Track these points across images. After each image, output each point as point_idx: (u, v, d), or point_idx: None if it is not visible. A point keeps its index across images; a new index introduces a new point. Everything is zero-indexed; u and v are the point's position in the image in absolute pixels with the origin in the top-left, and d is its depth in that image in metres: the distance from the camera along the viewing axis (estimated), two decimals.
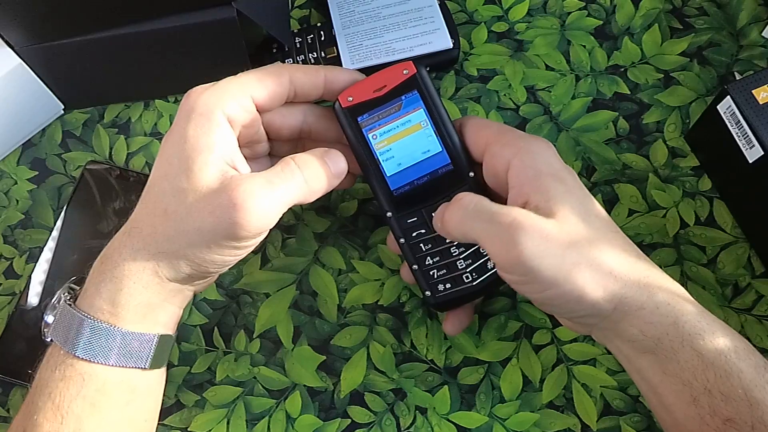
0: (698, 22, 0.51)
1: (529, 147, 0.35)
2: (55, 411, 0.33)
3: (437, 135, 0.37)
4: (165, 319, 0.35)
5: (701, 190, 0.46)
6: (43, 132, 0.51)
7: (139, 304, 0.34)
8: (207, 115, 0.33)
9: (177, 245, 0.33)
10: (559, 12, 0.52)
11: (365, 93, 0.37)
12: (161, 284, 0.34)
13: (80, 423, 0.33)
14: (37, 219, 0.48)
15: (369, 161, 0.37)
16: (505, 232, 0.31)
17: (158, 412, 0.38)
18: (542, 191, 0.33)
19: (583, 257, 0.32)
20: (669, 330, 0.31)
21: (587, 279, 0.31)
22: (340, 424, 0.42)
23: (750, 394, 0.30)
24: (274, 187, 0.33)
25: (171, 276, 0.34)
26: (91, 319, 0.33)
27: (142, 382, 0.35)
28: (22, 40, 0.44)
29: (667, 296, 0.32)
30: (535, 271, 0.31)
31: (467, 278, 0.38)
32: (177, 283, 0.35)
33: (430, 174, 0.37)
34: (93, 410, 0.33)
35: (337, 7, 0.51)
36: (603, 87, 0.49)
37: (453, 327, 0.40)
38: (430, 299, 0.38)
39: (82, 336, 0.33)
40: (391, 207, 0.38)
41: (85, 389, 0.33)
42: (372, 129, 0.37)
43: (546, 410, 0.41)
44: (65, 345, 0.33)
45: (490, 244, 0.32)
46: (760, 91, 0.40)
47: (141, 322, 0.34)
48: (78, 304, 0.34)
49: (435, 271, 0.38)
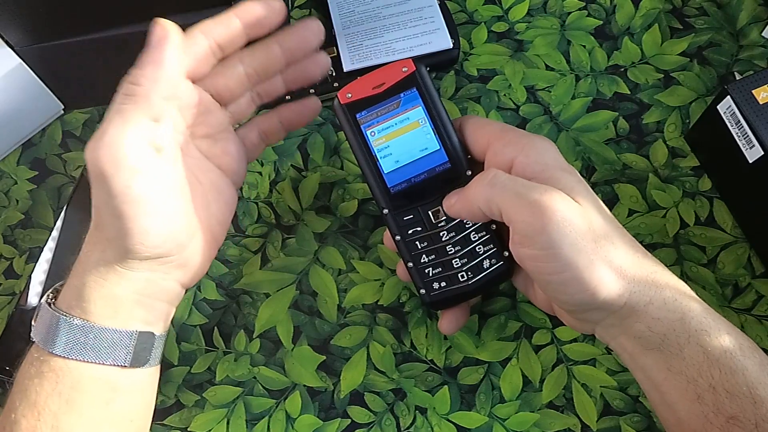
0: (698, 22, 0.51)
1: (533, 144, 0.35)
2: (32, 408, 0.33)
3: (435, 133, 0.37)
4: (143, 315, 0.35)
5: (701, 190, 0.46)
6: (43, 132, 0.51)
7: (103, 296, 0.33)
8: (102, 177, 0.32)
9: (107, 228, 0.33)
10: (559, 12, 0.52)
11: (364, 90, 0.37)
12: (119, 273, 0.33)
13: (57, 420, 0.33)
14: (37, 219, 0.48)
15: (367, 158, 0.37)
16: (536, 200, 0.31)
17: (149, 413, 0.37)
18: (555, 181, 0.33)
19: (600, 250, 0.31)
20: (676, 326, 0.32)
21: (604, 273, 0.31)
22: (340, 424, 0.42)
23: (754, 391, 0.30)
24: (120, 113, 0.32)
25: (120, 262, 0.33)
26: (66, 316, 0.33)
27: (124, 381, 0.34)
28: (22, 40, 0.44)
29: (674, 293, 0.32)
30: (557, 247, 0.31)
31: (462, 277, 0.38)
32: (138, 272, 0.34)
33: (428, 172, 0.37)
34: (69, 407, 0.33)
35: (337, 7, 0.51)
36: (603, 87, 0.49)
37: (449, 326, 0.40)
38: (425, 297, 0.38)
39: (58, 333, 0.33)
40: (388, 204, 0.38)
41: (59, 386, 0.33)
42: (370, 126, 0.37)
43: (546, 410, 0.41)
44: (43, 343, 0.33)
45: (518, 211, 0.32)
46: (760, 91, 0.40)
47: (113, 317, 0.34)
48: (57, 304, 0.34)
49: (430, 269, 0.38)
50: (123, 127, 0.32)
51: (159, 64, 0.32)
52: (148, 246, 0.33)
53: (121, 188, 0.31)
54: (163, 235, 0.33)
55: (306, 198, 0.48)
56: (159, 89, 0.32)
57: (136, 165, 0.32)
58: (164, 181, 0.33)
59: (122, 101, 0.32)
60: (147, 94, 0.32)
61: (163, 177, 0.33)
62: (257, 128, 0.40)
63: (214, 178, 0.38)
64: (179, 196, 0.34)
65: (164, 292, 0.36)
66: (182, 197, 0.35)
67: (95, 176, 0.32)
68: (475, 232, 0.37)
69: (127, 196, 0.31)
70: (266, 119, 0.41)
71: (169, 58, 0.33)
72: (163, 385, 0.43)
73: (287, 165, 0.49)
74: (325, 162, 0.48)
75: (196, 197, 0.36)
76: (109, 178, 0.31)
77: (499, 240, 0.37)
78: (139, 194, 0.32)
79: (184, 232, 0.35)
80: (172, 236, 0.34)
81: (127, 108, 0.32)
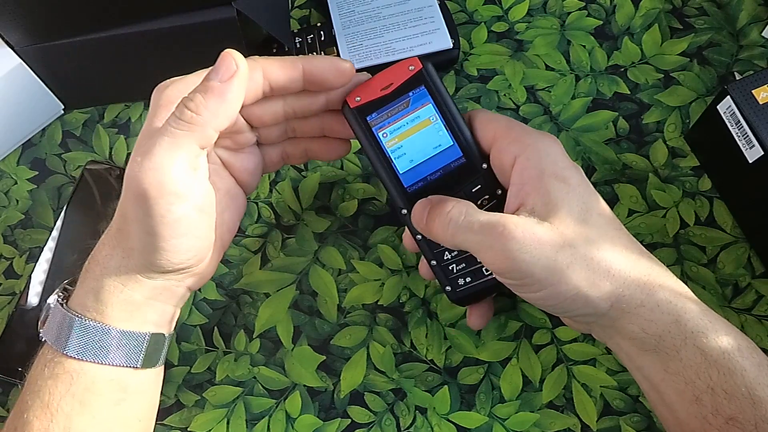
0: (698, 22, 0.51)
1: (536, 144, 0.34)
2: (45, 409, 0.33)
3: (447, 129, 0.37)
4: (155, 318, 0.35)
5: (701, 190, 0.46)
6: (43, 132, 0.51)
7: (121, 301, 0.34)
8: (168, 108, 0.33)
9: (135, 239, 0.33)
10: (559, 12, 0.52)
11: (372, 92, 0.37)
12: (138, 281, 0.34)
13: (70, 421, 0.33)
14: (37, 219, 0.48)
15: (381, 160, 0.37)
16: (496, 240, 0.32)
17: (154, 412, 0.38)
18: (542, 193, 0.33)
19: (577, 257, 0.32)
20: (671, 328, 0.32)
21: (581, 278, 0.32)
22: (340, 424, 0.42)
23: (753, 392, 0.30)
24: (172, 138, 0.32)
25: (143, 272, 0.34)
26: (80, 318, 0.33)
27: (134, 382, 0.35)
28: (22, 40, 0.44)
29: (669, 294, 0.32)
30: (529, 275, 0.32)
31: (486, 271, 0.38)
32: (156, 280, 0.34)
33: (443, 168, 0.37)
34: (82, 409, 0.33)
35: (337, 7, 0.51)
36: (603, 87, 0.49)
37: (478, 320, 0.40)
38: (451, 294, 0.38)
39: (72, 334, 0.33)
40: (406, 204, 0.38)
41: (74, 387, 0.33)
42: (382, 127, 0.37)
43: (546, 410, 0.41)
44: (56, 344, 0.33)
45: (483, 254, 0.33)
46: (760, 91, 0.40)
47: (128, 320, 0.34)
48: (69, 304, 0.34)
49: (454, 265, 0.38)
50: (172, 153, 0.31)
51: (223, 99, 0.31)
52: (175, 262, 0.33)
53: (162, 212, 0.31)
54: (191, 252, 0.33)
55: (306, 198, 0.48)
56: (216, 123, 0.32)
57: (179, 191, 0.31)
58: (198, 201, 0.33)
59: (176, 125, 0.31)
60: (204, 125, 0.31)
61: (198, 197, 0.33)
62: (282, 149, 0.40)
63: (229, 185, 0.38)
64: (208, 213, 0.34)
65: (175, 296, 0.36)
66: (210, 213, 0.35)
67: (134, 195, 0.31)
68: None
69: (165, 218, 0.31)
70: (293, 144, 0.40)
71: (234, 95, 0.32)
72: (163, 385, 0.43)
73: (287, 165, 0.49)
74: (325, 162, 0.48)
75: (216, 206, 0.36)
76: (151, 200, 0.31)
77: None
78: (177, 217, 0.32)
79: (209, 246, 0.35)
80: (198, 252, 0.34)
81: (179, 134, 0.31)
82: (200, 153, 0.32)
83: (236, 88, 0.32)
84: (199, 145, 0.32)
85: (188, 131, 0.31)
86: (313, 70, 0.35)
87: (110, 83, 0.49)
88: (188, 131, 0.31)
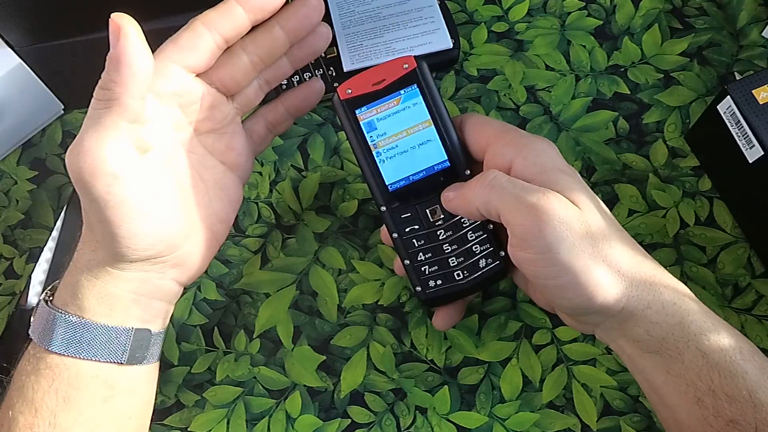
0: (698, 22, 0.51)
1: (532, 146, 0.34)
2: (29, 405, 0.33)
3: (435, 132, 0.37)
4: (139, 313, 0.35)
5: (701, 190, 0.46)
6: (43, 132, 0.51)
7: (97, 294, 0.33)
8: (86, 184, 0.32)
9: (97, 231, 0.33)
10: (559, 12, 0.52)
11: (364, 86, 0.37)
12: (111, 273, 0.33)
13: (55, 417, 0.33)
14: (37, 219, 0.48)
15: (366, 155, 0.37)
16: (534, 204, 0.31)
17: (147, 411, 0.37)
18: (552, 184, 0.33)
19: (598, 252, 0.31)
20: (674, 330, 0.31)
21: (601, 276, 0.31)
22: (340, 424, 0.42)
23: (754, 395, 0.30)
24: (95, 120, 0.31)
25: (111, 263, 0.33)
26: (62, 313, 0.33)
27: (123, 379, 0.35)
28: (22, 40, 0.44)
29: (673, 296, 0.32)
30: (554, 251, 0.31)
31: (458, 276, 0.38)
32: (130, 272, 0.34)
33: (427, 170, 0.37)
34: (67, 405, 0.33)
35: (337, 7, 0.51)
36: (603, 87, 0.49)
37: (442, 322, 0.40)
38: (421, 294, 0.38)
39: (55, 330, 0.33)
40: (386, 201, 0.38)
41: (56, 383, 0.33)
42: (370, 123, 0.37)
43: (546, 410, 0.41)
44: (40, 341, 0.33)
45: (515, 215, 0.32)
46: (760, 91, 0.40)
47: (109, 315, 0.34)
48: (53, 302, 0.34)
49: (426, 267, 0.38)
50: (99, 134, 0.31)
51: (124, 64, 0.31)
52: (137, 249, 0.32)
53: (102, 194, 0.31)
54: (152, 238, 0.33)
55: (306, 198, 0.48)
56: (131, 90, 0.31)
57: (115, 170, 0.31)
58: (151, 182, 0.33)
59: (96, 107, 0.31)
60: (119, 97, 0.31)
61: (150, 178, 0.33)
62: (263, 119, 0.40)
63: (219, 174, 0.37)
64: (171, 196, 0.34)
65: (160, 290, 0.35)
66: (175, 197, 0.34)
67: (76, 183, 0.31)
68: (472, 231, 0.37)
69: (109, 201, 0.31)
70: (271, 109, 0.40)
71: (132, 54, 0.31)
72: (163, 385, 0.43)
73: (287, 165, 0.49)
74: (325, 162, 0.48)
75: (197, 195, 0.36)
76: (88, 184, 0.31)
77: (495, 240, 0.37)
78: (121, 199, 0.31)
79: (178, 233, 0.34)
80: (163, 237, 0.33)
81: (101, 114, 0.31)
82: (135, 128, 0.32)
83: (130, 46, 0.31)
84: (128, 120, 0.31)
85: (107, 107, 0.31)
86: (247, 1, 0.34)
87: None
88: (107, 107, 0.31)
